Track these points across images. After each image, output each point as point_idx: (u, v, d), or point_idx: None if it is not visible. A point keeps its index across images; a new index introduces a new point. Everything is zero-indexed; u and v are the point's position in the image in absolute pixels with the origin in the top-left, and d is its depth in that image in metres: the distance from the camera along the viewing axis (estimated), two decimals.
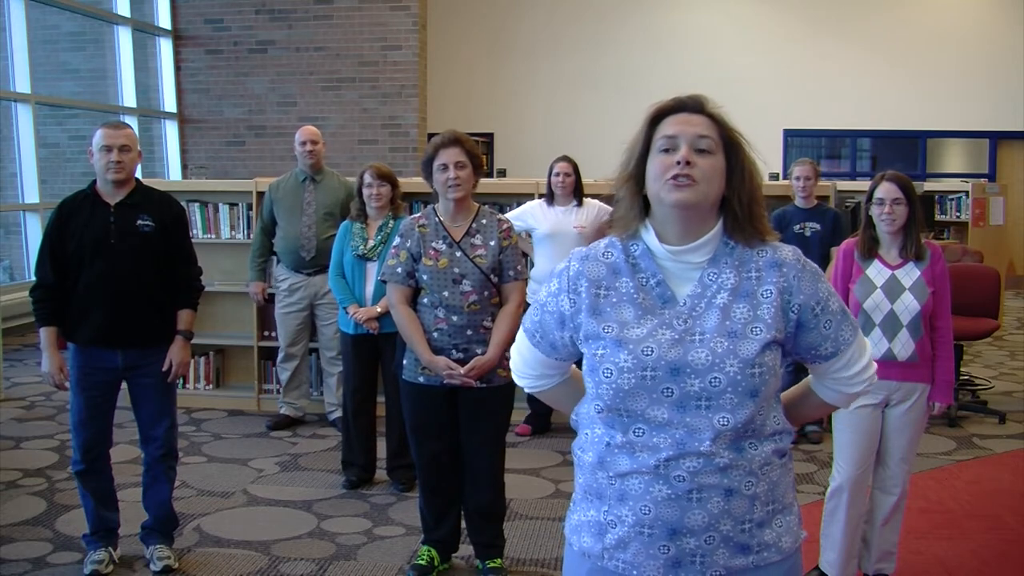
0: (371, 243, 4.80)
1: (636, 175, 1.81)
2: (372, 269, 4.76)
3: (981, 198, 10.09)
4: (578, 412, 1.90)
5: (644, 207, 1.82)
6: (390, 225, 4.82)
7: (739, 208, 1.79)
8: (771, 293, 1.77)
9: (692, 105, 1.80)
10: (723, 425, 1.71)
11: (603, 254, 1.84)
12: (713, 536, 1.73)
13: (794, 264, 1.80)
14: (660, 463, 1.72)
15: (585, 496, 1.84)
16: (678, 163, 1.73)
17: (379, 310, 4.68)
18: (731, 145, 1.80)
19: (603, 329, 1.77)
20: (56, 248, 3.66)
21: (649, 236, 1.81)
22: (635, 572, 1.76)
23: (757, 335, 1.74)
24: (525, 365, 2.01)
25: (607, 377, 1.74)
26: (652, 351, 1.72)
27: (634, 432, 1.74)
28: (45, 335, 3.69)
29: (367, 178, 4.84)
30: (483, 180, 3.79)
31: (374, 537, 4.25)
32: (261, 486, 4.91)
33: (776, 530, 1.79)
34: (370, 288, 4.78)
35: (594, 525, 1.81)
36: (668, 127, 1.78)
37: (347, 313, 4.78)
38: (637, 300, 1.78)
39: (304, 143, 5.78)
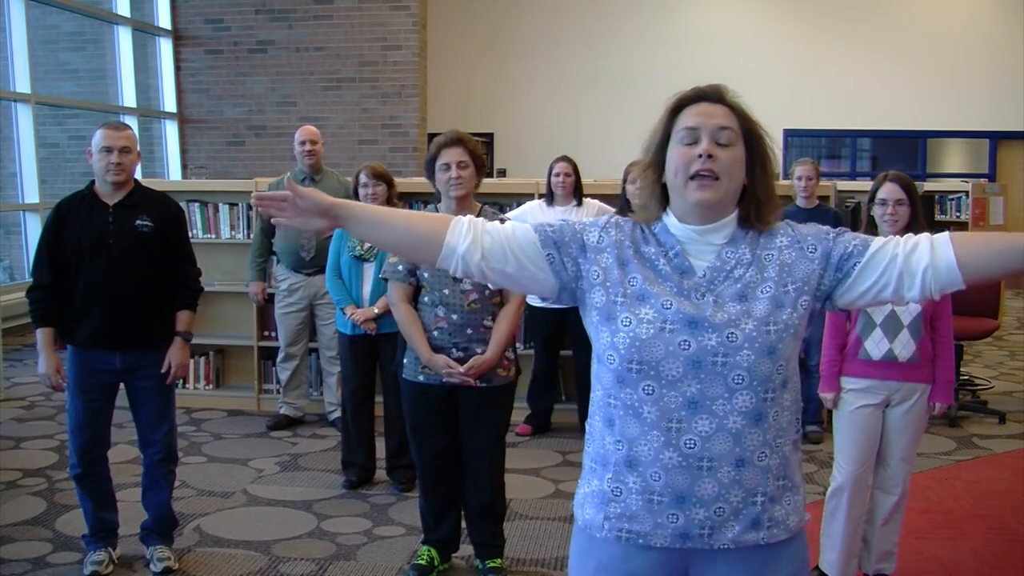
0: (368, 244, 4.79)
1: (656, 163, 1.83)
2: (369, 270, 4.74)
3: (981, 198, 10.08)
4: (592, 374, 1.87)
5: (663, 195, 1.84)
6: None
7: (761, 196, 1.80)
8: (789, 262, 1.77)
9: (712, 95, 1.81)
10: (738, 383, 1.70)
11: (628, 225, 1.86)
12: (723, 508, 1.72)
13: (822, 229, 1.83)
14: (672, 425, 1.71)
15: (591, 467, 1.83)
16: (699, 156, 1.74)
17: (376, 311, 4.67)
18: (751, 135, 1.81)
19: (628, 280, 1.78)
20: (54, 249, 3.65)
21: (669, 219, 1.83)
22: (641, 541, 1.75)
23: (771, 293, 1.74)
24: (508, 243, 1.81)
25: (625, 326, 1.74)
26: (671, 304, 1.73)
27: (644, 389, 1.73)
28: (42, 336, 3.67)
29: (363, 178, 4.82)
30: (483, 180, 3.78)
31: (374, 537, 4.25)
32: (261, 486, 4.91)
33: (785, 507, 1.79)
34: (367, 289, 4.76)
35: (597, 495, 1.80)
36: (689, 118, 1.79)
37: (344, 314, 4.77)
38: (659, 266, 1.79)
39: (303, 143, 5.78)
